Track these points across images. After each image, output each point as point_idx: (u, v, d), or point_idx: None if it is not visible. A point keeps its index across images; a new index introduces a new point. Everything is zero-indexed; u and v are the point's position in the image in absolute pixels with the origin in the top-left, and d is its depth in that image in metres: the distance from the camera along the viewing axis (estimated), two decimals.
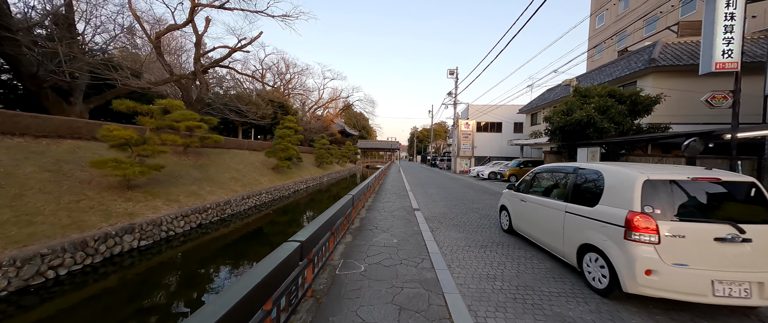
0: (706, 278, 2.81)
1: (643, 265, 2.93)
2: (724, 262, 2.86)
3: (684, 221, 2.98)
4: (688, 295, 2.84)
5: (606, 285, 3.28)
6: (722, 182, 3.17)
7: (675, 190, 3.16)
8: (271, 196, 15.57)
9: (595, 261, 3.46)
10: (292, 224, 12.00)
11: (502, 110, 33.31)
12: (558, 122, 11.36)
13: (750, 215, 3.05)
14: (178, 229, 8.73)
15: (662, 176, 3.18)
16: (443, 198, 11.23)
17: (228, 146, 18.53)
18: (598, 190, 3.65)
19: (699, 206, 3.14)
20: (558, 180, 4.73)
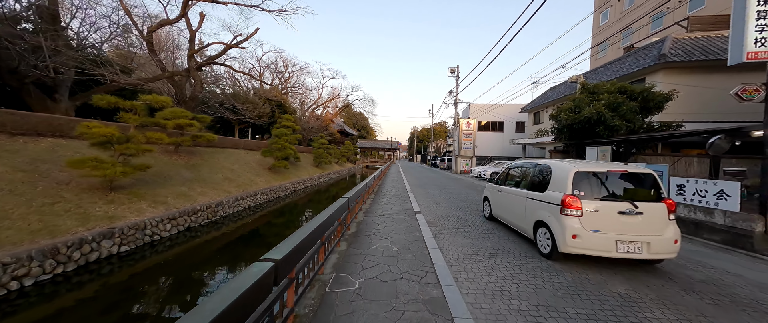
0: (611, 239, 3.94)
1: (570, 231, 4.05)
2: (624, 228, 3.99)
3: (599, 200, 4.16)
4: (599, 252, 3.99)
5: (549, 250, 4.45)
6: (629, 173, 4.30)
7: (595, 179, 4.33)
8: (266, 197, 15.04)
9: (543, 234, 4.62)
10: (288, 225, 11.47)
11: (504, 109, 32.79)
12: (566, 119, 10.83)
13: (644, 196, 4.21)
14: (163, 233, 8.20)
15: (588, 169, 4.34)
16: (445, 199, 10.71)
17: (223, 146, 18.00)
18: (548, 180, 4.76)
19: (609, 187, 4.31)
20: (523, 174, 5.79)
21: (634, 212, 3.97)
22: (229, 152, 17.88)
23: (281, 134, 19.05)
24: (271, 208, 13.95)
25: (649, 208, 4.03)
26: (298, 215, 13.94)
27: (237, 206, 12.19)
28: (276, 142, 18.76)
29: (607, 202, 4.11)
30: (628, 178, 4.32)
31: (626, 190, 4.27)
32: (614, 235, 3.94)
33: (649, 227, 3.99)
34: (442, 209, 8.69)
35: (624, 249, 3.91)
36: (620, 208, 4.01)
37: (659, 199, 4.16)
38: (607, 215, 4.03)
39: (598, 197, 4.18)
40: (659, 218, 4.03)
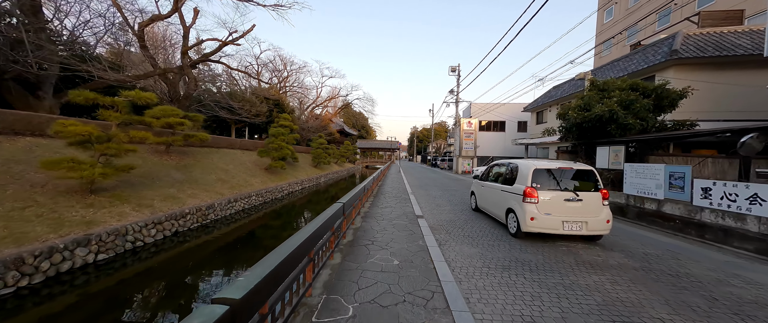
0: (559, 220, 5.07)
1: (529, 215, 5.16)
2: (568, 212, 5.11)
3: (551, 191, 5.23)
4: (550, 230, 5.11)
5: (515, 231, 5.56)
6: (575, 170, 5.44)
7: (549, 174, 5.40)
8: (262, 198, 14.49)
9: (510, 218, 5.80)
10: (285, 227, 10.92)
11: (506, 109, 32.27)
12: (575, 118, 10.28)
13: (584, 187, 5.29)
14: (147, 239, 7.65)
15: (544, 166, 5.50)
16: (448, 202, 10.17)
17: (218, 146, 17.45)
18: (515, 176, 5.90)
19: (559, 181, 5.36)
20: (499, 172, 7.04)
21: (576, 199, 5.17)
22: (224, 152, 17.33)
23: (278, 134, 18.51)
24: (266, 210, 13.41)
25: (588, 196, 5.23)
26: (294, 217, 13.40)
27: (230, 209, 11.65)
28: (272, 142, 18.21)
29: (557, 192, 5.27)
30: (574, 173, 5.49)
31: (572, 182, 5.40)
32: (561, 217, 5.12)
33: (588, 211, 5.18)
34: (446, 213, 8.15)
35: (569, 227, 5.09)
36: (566, 196, 5.20)
37: (597, 189, 5.36)
38: (557, 202, 5.19)
39: (551, 189, 5.32)
40: (595, 204, 5.24)
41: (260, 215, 12.48)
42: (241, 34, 18.14)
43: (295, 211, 14.67)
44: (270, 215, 12.70)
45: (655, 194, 7.46)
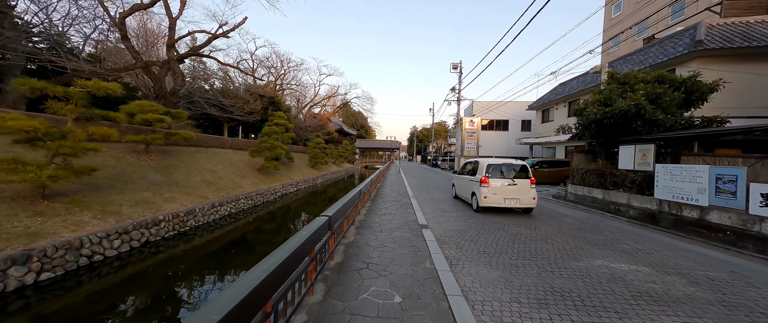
0: (502, 198, 7.64)
1: (483, 195, 7.72)
2: (508, 193, 7.66)
3: (497, 178, 7.81)
4: (496, 204, 7.65)
5: (476, 207, 8.14)
6: (514, 164, 8.03)
7: (498, 167, 8.00)
8: (252, 202, 13.45)
9: (473, 199, 8.37)
10: (278, 232, 9.90)
11: (509, 107, 31.25)
12: (594, 113, 9.25)
13: (519, 176, 7.87)
14: (109, 251, 6.62)
15: (494, 162, 8.11)
16: (454, 206, 9.15)
17: (207, 145, 16.41)
18: (477, 169, 8.48)
19: (503, 172, 7.94)
20: (470, 166, 9.46)
21: (513, 184, 7.70)
22: (214, 152, 16.30)
23: (271, 133, 17.47)
24: (256, 214, 12.37)
25: (521, 182, 7.76)
26: (284, 221, 12.36)
27: (214, 214, 10.61)
28: (265, 141, 17.18)
29: (501, 179, 7.78)
30: (514, 167, 8.00)
31: (510, 172, 7.91)
32: (503, 196, 7.65)
33: (520, 192, 7.68)
34: (453, 220, 7.13)
35: (508, 203, 7.65)
36: (507, 182, 7.73)
37: (527, 177, 7.82)
38: (501, 186, 7.72)
39: (497, 177, 7.83)
40: (526, 187, 7.73)
41: (248, 220, 11.44)
42: (233, 27, 17.13)
43: (286, 215, 13.64)
44: (258, 221, 11.66)
45: (697, 199, 6.44)
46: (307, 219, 12.83)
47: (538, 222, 7.25)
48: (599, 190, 9.67)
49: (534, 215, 8.21)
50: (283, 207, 14.72)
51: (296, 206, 15.59)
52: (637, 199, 8.07)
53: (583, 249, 5.14)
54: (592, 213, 8.97)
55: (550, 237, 5.89)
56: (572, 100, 20.93)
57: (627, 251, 5.17)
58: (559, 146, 22.26)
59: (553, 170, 17.70)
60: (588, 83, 18.85)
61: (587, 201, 10.18)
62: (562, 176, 17.67)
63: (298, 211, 14.73)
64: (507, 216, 7.77)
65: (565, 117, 21.50)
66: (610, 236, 6.11)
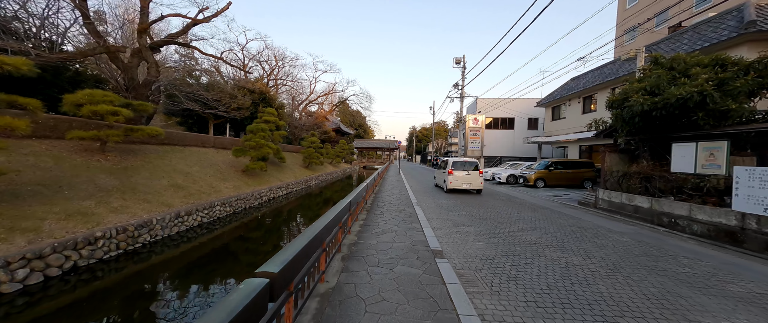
0: (461, 183, 12.55)
1: (449, 180, 12.62)
2: (465, 180, 12.56)
3: (459, 171, 12.63)
4: (457, 187, 12.61)
5: (446, 190, 13.16)
6: (469, 162, 12.99)
7: (459, 163, 12.89)
8: (230, 208, 11.69)
9: (443, 183, 13.47)
10: (250, 249, 8.17)
11: (516, 105, 29.56)
12: (641, 104, 7.54)
13: (473, 169, 12.74)
14: (5, 287, 4.85)
15: (458, 160, 13.02)
16: (471, 219, 7.43)
17: (183, 143, 14.63)
18: (446, 165, 13.38)
19: (463, 167, 12.76)
20: (440, 164, 16.23)
21: (468, 174, 12.39)
22: (192, 152, 14.52)
23: (257, 130, 15.70)
24: (234, 223, 10.62)
25: (474, 173, 12.48)
26: (268, 235, 10.61)
27: (179, 225, 8.84)
28: (250, 139, 15.41)
29: (461, 171, 12.44)
30: (468, 163, 12.83)
31: (467, 167, 12.63)
32: (461, 182, 12.38)
33: (472, 179, 12.43)
34: (474, 242, 5.41)
35: (465, 187, 12.47)
36: (464, 173, 12.45)
37: (476, 170, 12.55)
38: (460, 176, 12.38)
39: (459, 170, 12.49)
40: (477, 176, 12.45)
41: (222, 231, 9.69)
42: (215, 13, 15.34)
43: (273, 225, 11.88)
44: (234, 233, 9.91)
45: None
46: (311, 218, 11.10)
47: (585, 242, 5.53)
48: (644, 198, 7.95)
49: (571, 230, 6.49)
50: (270, 213, 12.96)
51: (284, 213, 13.83)
52: (705, 211, 6.36)
53: (684, 299, 3.41)
54: (638, 226, 7.26)
55: (616, 270, 4.18)
56: (587, 95, 19.26)
57: (745, 297, 3.46)
58: (571, 146, 20.60)
59: (570, 171, 16.02)
60: (606, 76, 17.17)
61: (626, 211, 8.46)
62: (580, 179, 15.99)
63: (290, 217, 12.97)
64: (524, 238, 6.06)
65: (579, 114, 19.83)
66: (698, 268, 4.39)
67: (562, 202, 11.18)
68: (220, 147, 17.34)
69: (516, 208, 9.42)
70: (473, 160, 13.35)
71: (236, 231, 10.00)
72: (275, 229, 11.12)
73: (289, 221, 12.50)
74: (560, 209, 9.66)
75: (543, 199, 11.90)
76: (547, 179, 15.99)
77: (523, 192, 14.11)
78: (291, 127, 38.11)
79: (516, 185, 17.91)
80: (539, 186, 15.99)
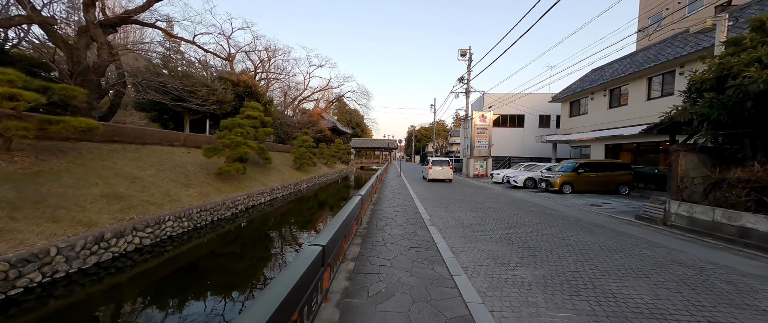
0: (438, 174, 18.59)
1: (429, 173, 18.77)
2: (440, 172, 18.66)
3: (436, 167, 18.77)
4: (434, 177, 18.66)
5: (428, 180, 19.30)
6: (443, 160, 19.41)
7: (437, 161, 19.18)
8: (190, 223, 9.22)
9: (426, 175, 19.89)
10: (192, 289, 5.74)
11: (526, 101, 27.20)
12: (761, 81, 5.17)
13: (445, 166, 18.85)
14: None
15: (436, 159, 19.51)
16: (507, 243, 5.03)
17: (142, 141, 12.12)
18: (428, 161, 19.96)
19: (439, 164, 18.91)
20: (426, 161, 23.54)
21: (442, 169, 18.55)
22: (152, 151, 12.02)
23: (233, 125, 13.22)
24: (188, 245, 8.15)
25: (445, 168, 18.64)
26: (230, 261, 8.15)
27: (99, 253, 6.36)
28: (224, 136, 12.92)
29: (439, 166, 18.64)
30: (443, 161, 19.10)
31: (442, 162, 18.93)
32: (438, 173, 18.47)
33: (444, 172, 18.54)
34: (528, 289, 2.98)
35: (439, 176, 18.48)
36: (439, 168, 18.60)
37: (448, 165, 18.85)
38: (438, 169, 18.55)
39: (436, 166, 18.65)
40: (448, 170, 18.59)
41: (166, 258, 7.22)
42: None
43: (237, 247, 9.41)
44: (181, 260, 7.44)
45: None
46: (257, 256, 8.65)
47: (735, 309, 3.12)
48: (759, 216, 5.56)
49: (680, 272, 4.09)
50: (240, 230, 10.49)
51: (262, 225, 11.36)
52: None
53: None
54: (756, 259, 4.88)
55: None
56: (615, 87, 16.96)
57: None
58: (594, 145, 18.27)
59: (602, 175, 13.65)
60: (641, 63, 14.84)
61: (724, 233, 6.07)
62: (614, 183, 13.62)
63: (269, 235, 10.50)
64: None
65: (605, 108, 17.49)
66: None
67: (610, 215, 8.79)
68: (193, 146, 14.84)
69: (561, 227, 7.01)
70: (445, 159, 19.86)
71: (185, 257, 7.51)
72: (241, 253, 8.64)
73: (261, 241, 10.02)
74: (618, 226, 7.28)
75: (582, 210, 9.51)
76: (576, 184, 13.61)
77: (550, 200, 11.72)
78: (283, 125, 35.62)
79: (535, 189, 15.54)
80: (566, 192, 13.61)
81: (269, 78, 33.05)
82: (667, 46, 14.25)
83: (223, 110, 19.90)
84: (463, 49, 27.11)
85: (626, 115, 15.80)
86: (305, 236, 10.74)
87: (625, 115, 15.85)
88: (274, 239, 10.06)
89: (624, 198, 12.48)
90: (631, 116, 15.39)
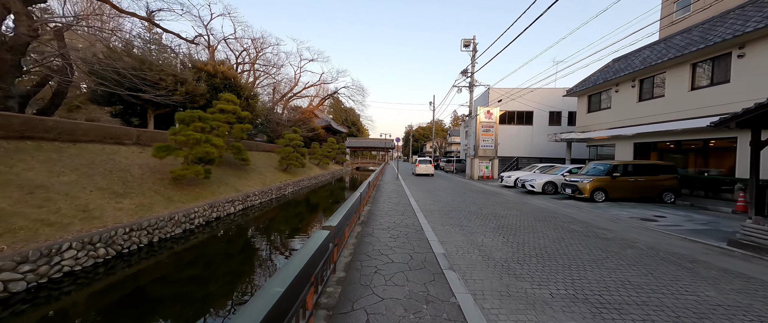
0: (423, 170, 24.56)
1: (417, 170, 24.85)
2: (424, 168, 24.62)
3: (421, 164, 24.96)
4: (420, 173, 24.54)
5: (415, 174, 25.07)
6: (426, 159, 26.62)
7: (422, 160, 26.20)
8: (110, 251, 6.74)
9: (413, 170, 27.96)
10: None
11: (535, 95, 24.91)
12: None
13: (428, 164, 25.11)
14: None
15: (421, 159, 26.90)
16: (583, 304, 2.69)
17: (71, 137, 9.61)
18: (415, 160, 39.97)
19: (423, 162, 25.49)
20: (415, 161, 37.36)
21: (426, 166, 24.60)
22: (82, 150, 9.52)
23: (191, 119, 10.74)
24: (92, 288, 5.70)
25: (428, 165, 24.72)
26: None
27: None
28: (180, 131, 10.43)
29: (422, 164, 24.75)
30: (426, 159, 26.10)
31: (426, 162, 25.26)
32: (423, 169, 24.39)
33: (428, 169, 24.51)
34: None
35: (423, 171, 24.38)
36: (424, 164, 24.76)
37: (430, 164, 25.02)
38: (423, 166, 24.52)
39: (421, 164, 24.88)
40: (430, 167, 24.66)
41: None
42: None
43: (164, 290, 6.96)
44: None
45: None
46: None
47: None
48: None
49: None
50: (190, 254, 8.01)
51: (225, 246, 8.87)
52: None
53: None
54: None
55: None
56: (646, 77, 14.68)
57: None
58: (620, 143, 15.98)
59: (642, 179, 11.32)
60: (683, 48, 12.55)
61: None
62: (658, 189, 11.30)
63: (208, 272, 8.02)
64: None
65: (634, 102, 15.18)
66: None
67: (685, 238, 6.43)
68: (148, 144, 12.33)
69: (639, 263, 4.64)
70: (428, 158, 26.44)
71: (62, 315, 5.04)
72: (163, 296, 6.15)
73: (207, 276, 7.53)
74: (720, 261, 4.92)
75: (638, 229, 7.14)
76: (610, 190, 11.27)
77: (585, 211, 9.37)
78: (271, 123, 33.11)
79: (556, 195, 13.21)
80: (598, 200, 11.27)
81: (256, 71, 30.48)
82: (716, 24, 11.95)
83: (196, 104, 17.37)
84: (466, 40, 24.71)
85: (662, 108, 13.50)
86: (274, 265, 8.21)
87: (661, 108, 13.55)
88: (228, 271, 7.59)
89: (675, 208, 10.15)
90: (669, 110, 13.09)
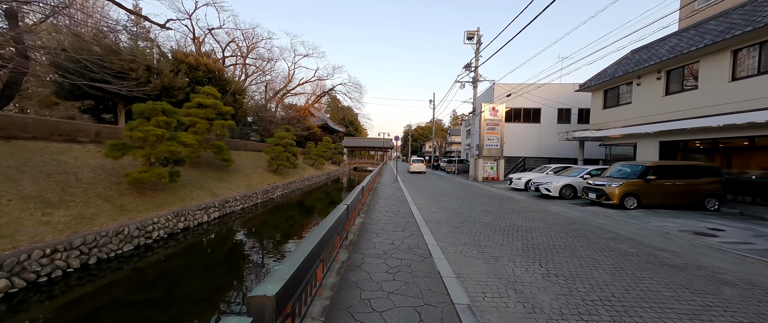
0: (417, 168, 29.37)
1: (412, 167, 29.98)
2: (417, 166, 29.50)
3: (415, 162, 30.12)
4: (414, 170, 29.26)
5: (411, 172, 29.23)
6: (419, 159, 31.77)
7: (416, 159, 31.15)
8: (16, 282, 5.14)
9: (409, 168, 31.42)
10: None
11: (543, 92, 23.37)
12: None
13: (421, 163, 30.30)
14: None
15: (415, 158, 31.56)
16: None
17: (7, 133, 8.00)
18: (410, 159, 40.82)
19: (417, 161, 30.38)
20: (410, 160, 37.16)
21: (419, 163, 29.83)
22: (16, 148, 7.89)
23: (153, 112, 9.10)
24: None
25: (421, 164, 29.83)
26: None
27: None
28: (138, 127, 8.80)
29: (416, 163, 29.76)
30: (420, 159, 31.63)
31: (419, 161, 30.43)
32: (416, 167, 29.20)
33: (420, 166, 29.38)
34: None
35: (417, 169, 29.10)
36: (417, 163, 29.78)
37: (423, 163, 30.45)
38: (416, 165, 29.43)
39: (415, 163, 29.79)
40: (422, 166, 29.73)
41: None
42: None
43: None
44: None
45: None
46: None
47: None
48: None
49: None
50: (135, 280, 6.38)
51: (180, 269, 7.24)
52: None
53: None
54: None
55: None
56: (675, 67, 13.16)
57: None
58: (643, 142, 14.42)
59: (681, 183, 9.77)
60: (721, 33, 11.06)
61: None
62: (699, 195, 9.75)
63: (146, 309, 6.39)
64: None
65: (660, 95, 13.65)
66: None
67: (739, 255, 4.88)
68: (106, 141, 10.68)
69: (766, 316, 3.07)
70: (421, 158, 34.23)
71: None
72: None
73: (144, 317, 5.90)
74: None
75: (706, 249, 5.57)
76: (643, 195, 9.73)
77: (621, 222, 7.81)
78: (264, 121, 31.51)
79: (576, 200, 11.67)
80: (630, 207, 9.72)
81: (247, 67, 28.84)
82: (762, 3, 10.43)
83: (174, 98, 15.73)
84: (470, 32, 23.15)
85: (694, 102, 11.96)
86: (243, 288, 6.54)
87: (693, 102, 12.01)
88: (170, 301, 5.94)
89: (725, 218, 8.61)
90: (704, 104, 11.55)
